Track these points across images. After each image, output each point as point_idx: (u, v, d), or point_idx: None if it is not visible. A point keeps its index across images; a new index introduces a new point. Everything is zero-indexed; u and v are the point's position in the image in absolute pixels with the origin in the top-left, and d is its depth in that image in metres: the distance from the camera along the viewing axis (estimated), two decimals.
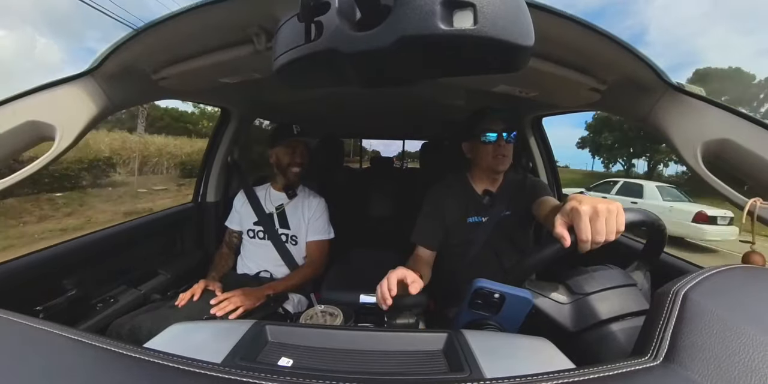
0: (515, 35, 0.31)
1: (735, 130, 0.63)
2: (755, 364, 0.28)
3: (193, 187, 1.67)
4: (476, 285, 0.61)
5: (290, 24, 0.38)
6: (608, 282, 0.63)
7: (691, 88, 0.69)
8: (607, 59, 0.72)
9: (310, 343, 0.51)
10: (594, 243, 0.56)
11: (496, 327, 0.62)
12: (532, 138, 1.60)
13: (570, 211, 0.58)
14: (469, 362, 0.44)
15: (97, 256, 1.09)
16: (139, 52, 0.74)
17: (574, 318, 0.61)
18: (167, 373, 0.30)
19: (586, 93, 0.88)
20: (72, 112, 0.70)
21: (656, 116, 0.73)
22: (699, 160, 0.66)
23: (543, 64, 0.77)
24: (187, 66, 0.82)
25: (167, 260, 1.40)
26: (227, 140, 1.58)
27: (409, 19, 0.30)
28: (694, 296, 0.36)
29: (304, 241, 1.30)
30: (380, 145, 13.61)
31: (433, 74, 0.46)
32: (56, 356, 0.31)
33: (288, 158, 1.28)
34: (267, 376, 0.30)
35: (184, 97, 1.31)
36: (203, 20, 0.67)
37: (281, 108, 1.68)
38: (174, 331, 0.53)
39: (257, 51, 0.74)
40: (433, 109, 1.66)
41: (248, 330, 0.52)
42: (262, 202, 1.33)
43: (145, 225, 1.34)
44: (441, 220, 1.11)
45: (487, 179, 1.12)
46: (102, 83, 0.74)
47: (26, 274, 0.87)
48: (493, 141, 1.02)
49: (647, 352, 0.32)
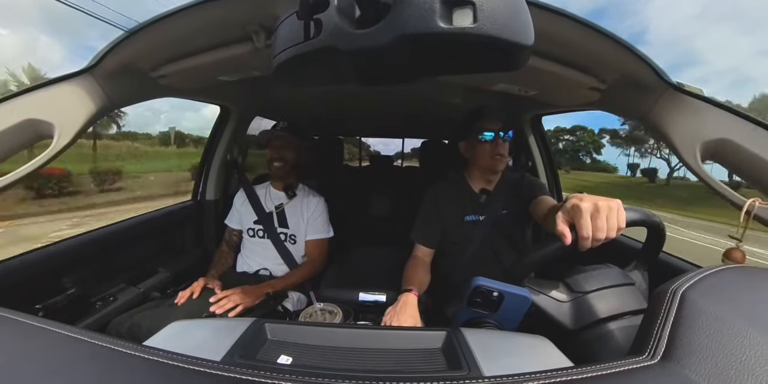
0: (515, 33, 0.31)
1: (734, 129, 0.63)
2: (752, 363, 0.28)
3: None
4: (475, 283, 0.61)
5: (289, 21, 0.38)
6: (607, 281, 0.63)
7: (690, 87, 0.69)
8: (607, 58, 0.72)
9: (309, 341, 0.52)
10: (595, 240, 0.56)
11: (494, 325, 0.62)
12: (531, 137, 1.60)
13: (571, 208, 0.58)
14: (468, 360, 0.44)
15: (96, 254, 1.09)
16: (138, 49, 0.74)
17: (573, 316, 0.61)
18: (167, 371, 0.30)
19: (585, 92, 0.88)
20: (70, 110, 0.69)
21: (656, 115, 0.73)
22: (698, 160, 0.66)
23: (543, 62, 0.77)
24: (186, 64, 0.82)
25: (167, 258, 1.40)
26: (226, 138, 1.58)
27: (408, 17, 0.30)
28: (691, 295, 0.36)
29: (303, 240, 1.30)
30: (379, 144, 13.68)
31: (433, 72, 0.46)
32: (56, 354, 0.31)
33: (269, 153, 1.28)
34: (266, 374, 0.30)
35: (182, 95, 1.30)
36: (202, 18, 0.67)
37: (280, 106, 1.68)
38: (173, 329, 0.53)
39: (256, 49, 0.73)
40: (433, 108, 1.66)
41: (248, 328, 0.52)
42: (262, 200, 1.33)
43: (145, 223, 1.34)
44: (439, 219, 1.12)
45: (484, 178, 1.12)
46: (101, 81, 0.74)
47: (25, 272, 0.87)
48: (491, 140, 1.02)
49: (645, 351, 0.32)
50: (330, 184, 1.69)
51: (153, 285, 1.22)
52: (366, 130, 2.97)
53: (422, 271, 1.04)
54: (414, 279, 0.98)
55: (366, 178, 2.35)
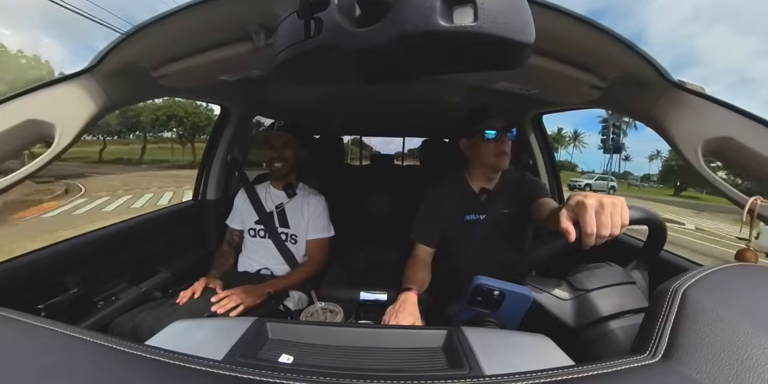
0: (516, 32, 0.31)
1: (736, 127, 0.62)
2: (753, 362, 0.28)
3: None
4: (476, 282, 0.61)
5: (290, 21, 0.38)
6: (609, 279, 0.63)
7: (692, 85, 0.69)
8: (608, 56, 0.72)
9: (310, 340, 0.52)
10: (599, 237, 0.55)
11: (495, 324, 0.62)
12: (532, 135, 1.60)
13: (575, 205, 0.57)
14: (469, 359, 0.44)
15: (98, 254, 1.09)
16: (139, 49, 0.74)
17: (575, 314, 0.61)
18: (168, 371, 0.30)
19: (587, 90, 0.87)
20: (71, 110, 0.69)
21: (657, 114, 0.72)
22: (700, 158, 0.65)
23: (544, 60, 0.77)
24: (187, 63, 0.82)
25: (168, 258, 1.40)
26: (227, 138, 1.58)
27: (409, 15, 0.30)
28: (693, 294, 0.36)
29: (304, 239, 1.30)
30: (379, 143, 13.70)
31: (433, 71, 0.46)
32: (58, 354, 0.31)
33: (269, 153, 1.27)
34: (268, 373, 0.30)
35: (183, 94, 1.30)
36: (203, 17, 0.66)
37: (281, 105, 1.68)
38: (175, 329, 0.53)
39: (257, 48, 0.73)
40: (433, 106, 1.66)
41: (249, 327, 0.52)
42: (262, 200, 1.33)
43: (146, 223, 1.34)
44: (439, 218, 1.11)
45: (485, 177, 1.12)
46: (101, 81, 0.74)
47: (27, 272, 0.87)
48: (495, 138, 1.02)
49: (646, 350, 0.32)
50: (331, 183, 1.69)
51: (154, 285, 1.22)
52: (366, 129, 2.97)
53: (422, 270, 1.04)
54: (414, 278, 0.98)
55: (367, 177, 2.35)
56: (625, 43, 0.64)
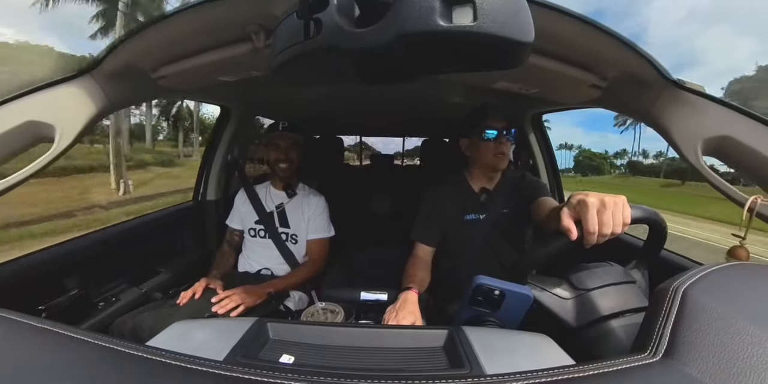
0: (515, 31, 0.31)
1: (736, 126, 0.62)
2: (754, 361, 0.28)
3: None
4: (476, 282, 0.61)
5: (289, 21, 0.38)
6: (609, 278, 0.63)
7: (691, 84, 0.69)
8: (607, 55, 0.72)
9: (311, 340, 0.52)
10: (601, 235, 0.55)
11: (496, 324, 0.62)
12: (532, 135, 1.59)
13: (577, 203, 0.57)
14: (470, 359, 0.44)
15: (98, 255, 1.09)
16: (138, 50, 0.74)
17: (575, 313, 0.61)
18: (169, 371, 0.30)
19: (586, 89, 0.87)
20: (71, 111, 0.69)
21: (657, 113, 0.72)
22: (699, 157, 0.65)
23: (543, 60, 0.77)
24: (186, 64, 0.82)
25: (168, 259, 1.40)
26: (227, 138, 1.58)
27: (408, 15, 0.30)
28: (693, 293, 0.36)
29: (304, 239, 1.30)
30: (379, 143, 13.67)
31: (433, 71, 0.46)
32: (58, 355, 0.31)
33: (274, 154, 1.27)
34: (269, 374, 0.30)
35: (183, 95, 1.30)
36: (202, 18, 0.66)
37: (281, 106, 1.68)
38: (176, 330, 0.53)
39: (256, 49, 0.73)
40: (433, 106, 1.65)
41: (250, 328, 0.52)
42: (262, 200, 1.33)
43: (146, 224, 1.34)
44: (439, 218, 1.12)
45: (484, 177, 1.12)
46: (101, 82, 0.74)
47: (28, 273, 0.87)
48: (494, 138, 1.02)
49: (646, 349, 0.32)
50: (331, 184, 1.69)
51: (155, 285, 1.22)
52: (366, 129, 2.97)
53: (422, 269, 1.04)
54: (414, 277, 0.99)
55: (367, 177, 2.35)
56: (624, 42, 0.64)
